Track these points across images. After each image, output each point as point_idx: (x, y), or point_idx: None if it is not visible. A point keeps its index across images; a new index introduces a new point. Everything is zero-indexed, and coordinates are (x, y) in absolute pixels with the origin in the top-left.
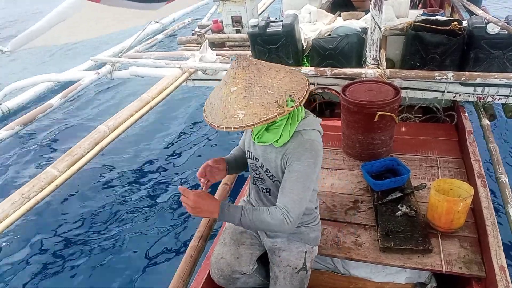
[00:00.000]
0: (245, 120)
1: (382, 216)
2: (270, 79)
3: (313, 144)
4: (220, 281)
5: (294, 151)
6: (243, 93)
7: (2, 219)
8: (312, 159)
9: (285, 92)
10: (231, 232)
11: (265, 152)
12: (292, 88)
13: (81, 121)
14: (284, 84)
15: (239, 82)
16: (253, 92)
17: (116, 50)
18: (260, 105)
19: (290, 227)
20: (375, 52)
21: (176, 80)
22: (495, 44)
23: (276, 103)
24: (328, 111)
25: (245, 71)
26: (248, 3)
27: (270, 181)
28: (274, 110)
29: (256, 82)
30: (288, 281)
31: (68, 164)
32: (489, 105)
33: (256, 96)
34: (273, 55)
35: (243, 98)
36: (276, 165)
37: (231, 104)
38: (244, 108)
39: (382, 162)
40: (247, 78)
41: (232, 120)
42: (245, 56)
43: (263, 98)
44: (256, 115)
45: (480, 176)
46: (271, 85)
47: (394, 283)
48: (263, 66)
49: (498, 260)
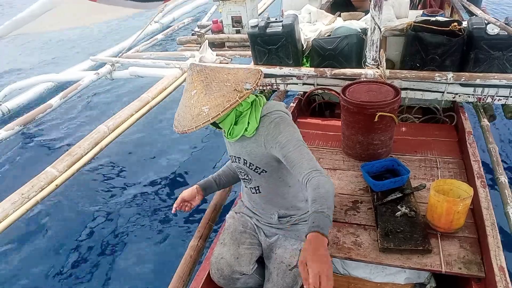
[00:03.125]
0: (210, 113)
1: (382, 216)
2: (225, 74)
3: (282, 117)
4: (220, 281)
5: (269, 130)
6: (204, 92)
7: (2, 219)
8: (289, 125)
9: (241, 80)
10: (231, 232)
11: (243, 147)
12: (247, 76)
13: (81, 121)
14: (239, 75)
15: (197, 85)
16: (212, 88)
17: (115, 50)
18: (221, 96)
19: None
20: (375, 52)
21: (176, 80)
22: (495, 44)
23: (235, 90)
24: (328, 111)
25: (200, 74)
26: (248, 3)
27: (257, 175)
28: (235, 96)
29: (212, 79)
30: (281, 277)
31: (68, 164)
32: (488, 105)
33: (216, 90)
34: (273, 55)
35: (204, 96)
36: (259, 154)
37: (194, 105)
38: (207, 104)
39: (382, 163)
40: (203, 79)
41: (199, 118)
42: (196, 63)
43: (222, 90)
44: (220, 105)
45: (479, 177)
46: (227, 79)
47: (393, 283)
48: (215, 68)
49: (498, 260)
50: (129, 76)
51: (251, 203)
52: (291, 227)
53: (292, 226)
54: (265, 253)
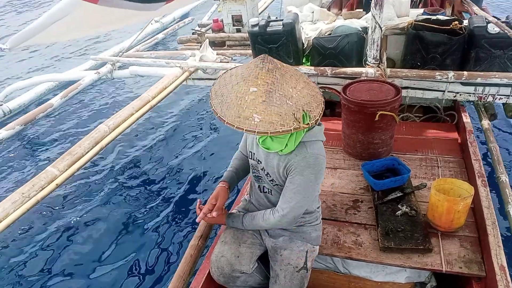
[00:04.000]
0: (259, 126)
1: (382, 215)
2: (290, 88)
3: (317, 159)
4: (220, 279)
5: (298, 164)
6: (263, 97)
7: (3, 218)
8: (313, 174)
9: (302, 106)
10: (232, 231)
11: (268, 157)
12: (309, 102)
13: (81, 120)
14: (302, 96)
15: (261, 84)
16: (273, 99)
17: (116, 49)
18: (277, 115)
19: (287, 224)
20: (376, 51)
21: (177, 79)
22: (496, 43)
23: (294, 116)
24: (329, 110)
25: (269, 74)
26: (248, 2)
27: (269, 183)
28: (291, 124)
29: (277, 88)
30: (288, 279)
31: (68, 163)
32: (489, 104)
33: (276, 104)
34: (273, 54)
35: (261, 102)
36: (278, 172)
37: (248, 104)
38: (261, 113)
39: (382, 162)
40: (269, 82)
41: (246, 122)
42: (271, 57)
43: (281, 108)
44: (272, 124)
45: (480, 176)
46: (291, 95)
47: (394, 282)
48: (286, 72)
49: (498, 259)
50: (129, 75)
51: (258, 199)
52: (297, 229)
53: (298, 227)
54: (270, 253)
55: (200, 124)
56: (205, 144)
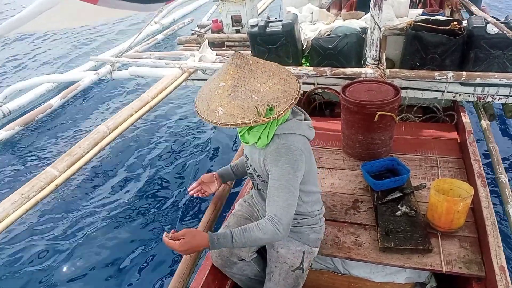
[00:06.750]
0: (222, 118)
1: (382, 216)
2: (259, 83)
3: (289, 149)
4: (218, 261)
5: (271, 155)
6: (229, 91)
7: (2, 219)
8: (289, 164)
9: (268, 100)
10: (236, 218)
11: (252, 152)
12: (278, 98)
13: (81, 121)
14: (271, 92)
15: (228, 79)
16: (238, 93)
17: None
18: (240, 108)
19: (282, 235)
20: (375, 52)
21: (176, 80)
22: (495, 43)
23: (256, 109)
24: (328, 110)
25: (237, 70)
26: (247, 2)
27: (258, 179)
28: (251, 117)
29: (244, 83)
30: (282, 277)
31: (68, 164)
32: (489, 105)
33: (240, 97)
34: (272, 54)
35: (227, 96)
36: (260, 166)
37: (215, 98)
38: (225, 106)
39: (382, 162)
40: (237, 77)
41: (211, 114)
42: (243, 54)
43: (245, 101)
44: (234, 116)
45: (480, 176)
46: (258, 90)
47: (393, 283)
48: (257, 67)
49: (498, 260)
50: (129, 76)
51: (256, 197)
52: (294, 229)
53: (296, 227)
54: (268, 250)
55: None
56: (205, 144)
